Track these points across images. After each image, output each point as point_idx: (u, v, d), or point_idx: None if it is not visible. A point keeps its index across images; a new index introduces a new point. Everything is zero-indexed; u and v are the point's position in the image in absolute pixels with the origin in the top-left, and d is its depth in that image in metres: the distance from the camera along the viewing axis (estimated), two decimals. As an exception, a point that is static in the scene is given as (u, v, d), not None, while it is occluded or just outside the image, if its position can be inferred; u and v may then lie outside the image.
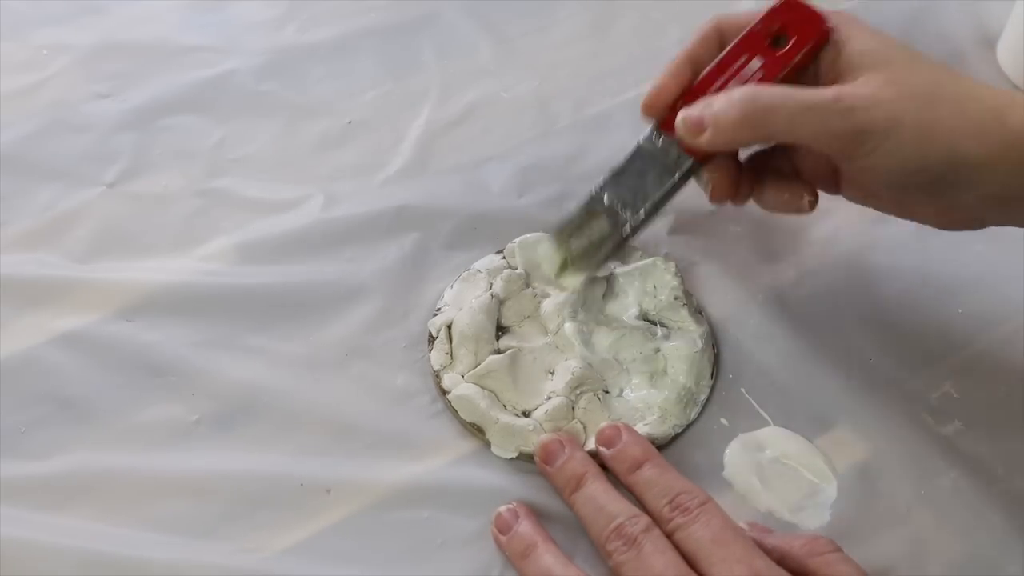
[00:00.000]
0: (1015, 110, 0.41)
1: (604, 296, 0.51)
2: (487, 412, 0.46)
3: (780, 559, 0.40)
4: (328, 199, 0.57)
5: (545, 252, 0.51)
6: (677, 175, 0.47)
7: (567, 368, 0.47)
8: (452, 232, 0.55)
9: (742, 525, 0.42)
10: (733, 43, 0.46)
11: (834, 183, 0.47)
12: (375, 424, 0.47)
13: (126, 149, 0.60)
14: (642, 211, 0.47)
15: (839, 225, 0.55)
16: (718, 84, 0.46)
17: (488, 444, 0.46)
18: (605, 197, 0.48)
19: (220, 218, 0.56)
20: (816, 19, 0.45)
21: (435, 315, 0.51)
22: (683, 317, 0.50)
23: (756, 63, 0.45)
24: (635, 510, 0.41)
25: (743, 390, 0.49)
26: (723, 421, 0.48)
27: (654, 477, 0.43)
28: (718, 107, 0.43)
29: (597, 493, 0.43)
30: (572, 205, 0.49)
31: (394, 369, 0.49)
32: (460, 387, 0.47)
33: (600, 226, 0.48)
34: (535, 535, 0.42)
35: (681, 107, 0.45)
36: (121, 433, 0.47)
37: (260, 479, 0.45)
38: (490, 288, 0.51)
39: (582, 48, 0.67)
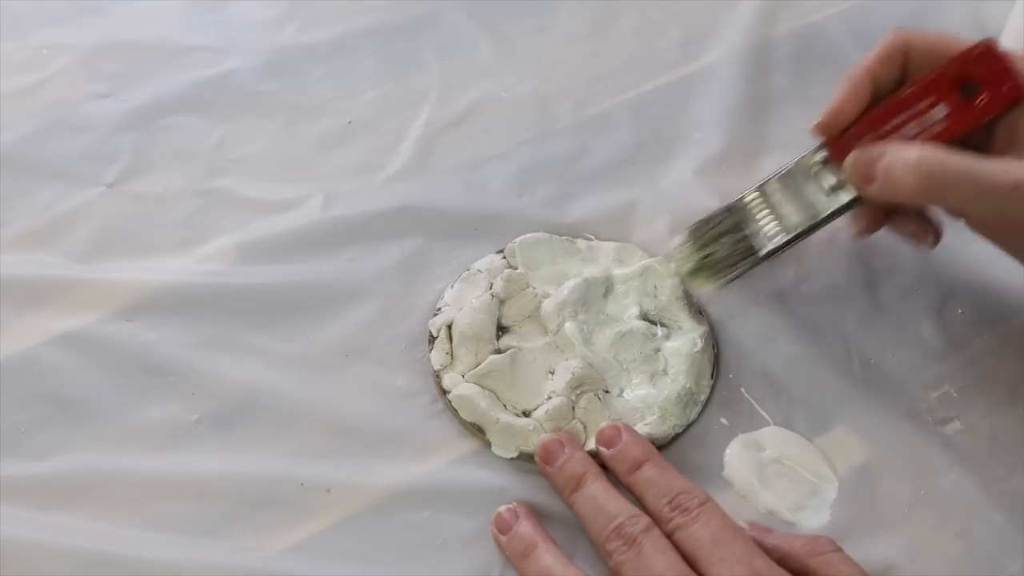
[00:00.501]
0: None
1: (604, 296, 0.51)
2: (487, 412, 0.46)
3: (780, 559, 0.40)
4: (328, 199, 0.57)
5: (681, 250, 0.50)
6: (832, 209, 0.45)
7: (567, 368, 0.47)
8: (452, 232, 0.55)
9: (742, 525, 0.42)
10: (920, 80, 0.44)
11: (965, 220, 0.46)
12: (375, 424, 0.47)
13: (126, 149, 0.60)
14: (787, 236, 0.46)
15: (839, 225, 0.55)
16: (897, 121, 0.44)
17: (488, 444, 0.46)
18: (755, 210, 0.46)
19: (220, 218, 0.56)
20: (1013, 77, 0.42)
21: (435, 315, 0.51)
22: (683, 317, 0.50)
23: (941, 111, 0.43)
24: (635, 510, 0.41)
25: (743, 390, 0.49)
26: (723, 421, 0.48)
27: (654, 477, 0.43)
28: (891, 163, 0.42)
29: (597, 493, 0.43)
30: (716, 206, 0.48)
31: (394, 369, 0.49)
32: (460, 387, 0.47)
33: (741, 239, 0.47)
34: (535, 535, 0.42)
35: (853, 133, 0.44)
36: (121, 433, 0.47)
37: (260, 479, 0.45)
38: (490, 288, 0.51)
39: (582, 48, 0.67)
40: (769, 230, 0.46)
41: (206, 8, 0.70)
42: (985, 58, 0.43)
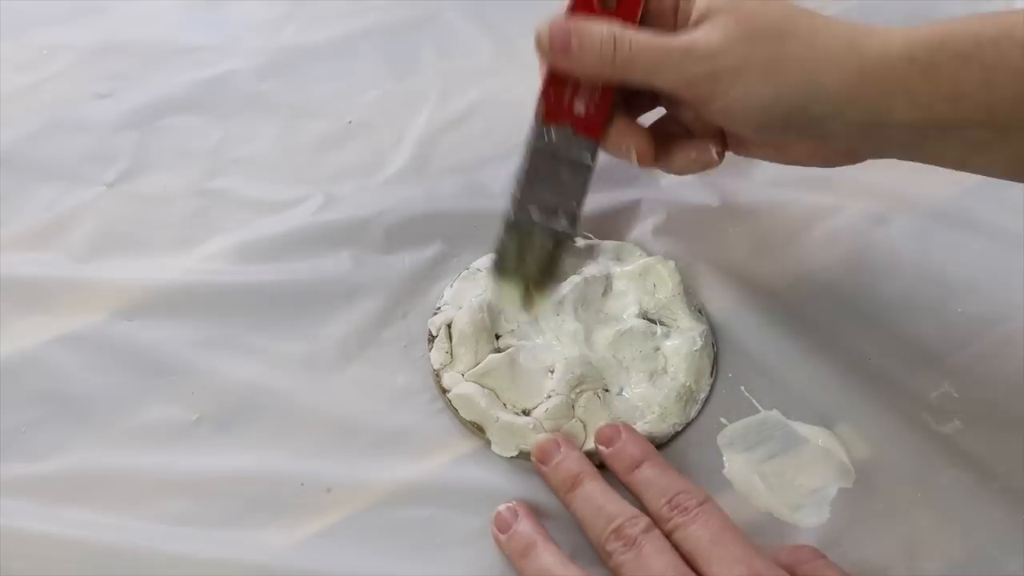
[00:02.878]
0: (870, 38, 0.42)
1: (604, 295, 0.51)
2: (487, 411, 0.46)
3: None
4: (328, 199, 0.57)
5: (499, 292, 0.48)
6: (589, 162, 0.46)
7: (567, 366, 0.47)
8: (452, 231, 0.55)
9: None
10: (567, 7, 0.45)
11: (723, 141, 0.47)
12: (375, 423, 0.47)
13: (126, 149, 0.60)
14: (575, 210, 0.46)
15: (839, 225, 0.55)
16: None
17: (488, 443, 0.46)
18: (531, 212, 0.46)
19: (220, 218, 0.56)
20: None
21: (435, 314, 0.51)
22: (683, 316, 0.50)
23: (611, 2, 0.44)
24: (634, 510, 0.41)
25: (743, 388, 0.49)
26: (723, 420, 0.48)
27: (653, 476, 0.43)
28: (584, 33, 0.43)
29: (595, 493, 0.42)
30: (498, 240, 0.47)
31: (394, 368, 0.49)
32: (460, 386, 0.47)
33: (541, 242, 0.46)
34: (535, 534, 0.42)
35: (554, 84, 0.45)
36: (121, 433, 0.47)
37: (260, 479, 0.45)
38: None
39: (582, 48, 0.67)
40: (557, 218, 0.46)
41: (206, 8, 0.70)
42: None
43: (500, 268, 0.47)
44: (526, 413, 0.47)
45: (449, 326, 0.49)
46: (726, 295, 0.52)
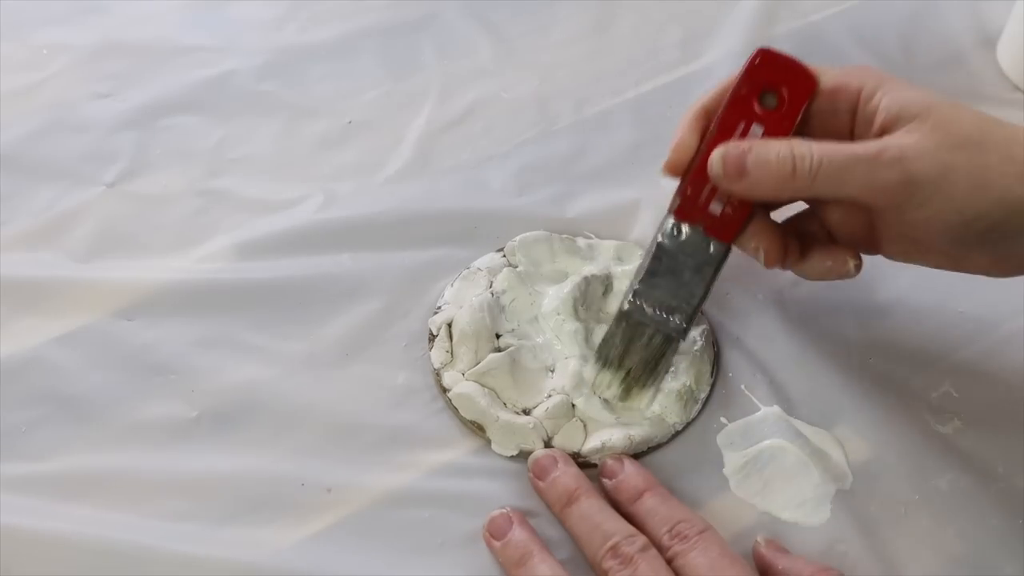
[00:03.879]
0: None
1: (604, 294, 0.51)
2: (487, 410, 0.46)
3: None
4: (328, 199, 0.57)
5: (598, 379, 0.46)
6: (715, 266, 0.44)
7: (567, 366, 0.47)
8: (452, 231, 0.55)
9: (758, 540, 0.43)
10: (721, 113, 0.43)
11: (871, 242, 0.45)
12: (376, 423, 0.47)
13: (126, 149, 0.60)
14: (690, 311, 0.44)
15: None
16: None
17: (488, 442, 0.46)
18: (644, 307, 0.44)
19: (220, 218, 0.56)
20: (800, 71, 0.43)
21: (435, 313, 0.51)
22: (683, 316, 0.50)
23: (758, 130, 0.43)
24: (631, 529, 0.41)
25: (743, 388, 0.49)
26: (723, 420, 0.48)
27: (655, 506, 0.42)
28: (762, 154, 0.41)
29: (592, 511, 0.42)
30: (608, 328, 0.46)
31: (395, 367, 0.49)
32: (460, 385, 0.47)
33: (650, 338, 0.45)
34: (531, 543, 0.42)
35: (691, 190, 0.43)
36: (121, 433, 0.47)
37: (260, 478, 0.45)
38: (490, 286, 0.51)
39: (582, 48, 0.67)
40: (669, 315, 0.44)
41: (206, 8, 0.70)
42: (766, 65, 0.43)
43: (603, 357, 0.46)
44: (526, 412, 0.47)
45: (450, 325, 0.50)
46: (726, 295, 0.52)
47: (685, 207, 0.44)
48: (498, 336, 0.49)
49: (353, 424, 0.47)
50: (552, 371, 0.48)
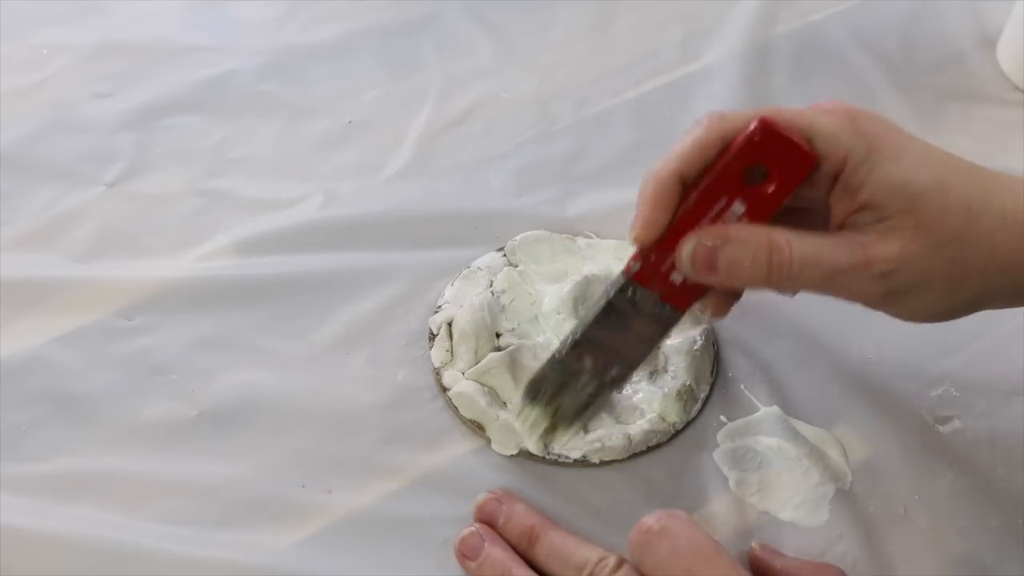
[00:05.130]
0: None
1: (604, 294, 0.51)
2: (487, 409, 0.46)
3: None
4: (328, 198, 0.57)
5: (523, 416, 0.45)
6: (664, 330, 0.42)
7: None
8: (452, 230, 0.55)
9: (753, 545, 0.42)
10: (706, 180, 0.39)
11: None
12: (376, 422, 0.47)
13: (126, 149, 0.60)
14: (629, 369, 0.43)
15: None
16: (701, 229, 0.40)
17: (488, 441, 0.46)
18: (584, 357, 0.42)
19: (220, 218, 0.56)
20: (798, 153, 0.38)
21: (436, 312, 0.51)
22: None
23: (739, 207, 0.39)
24: (600, 552, 0.40)
25: (743, 388, 0.49)
26: (723, 419, 0.48)
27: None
28: (733, 254, 0.38)
29: (557, 544, 0.41)
30: (546, 362, 0.43)
31: (395, 366, 0.49)
32: (460, 384, 0.47)
33: (583, 387, 0.43)
34: (507, 560, 0.41)
35: (659, 251, 0.40)
36: (121, 433, 0.47)
37: (260, 479, 0.45)
38: (490, 286, 0.51)
39: (582, 48, 0.67)
40: (609, 369, 0.42)
41: (206, 8, 0.70)
42: (763, 140, 0.38)
43: (532, 396, 0.44)
44: (526, 412, 0.47)
45: (450, 324, 0.50)
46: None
47: (645, 273, 0.40)
48: (498, 335, 0.49)
49: (353, 423, 0.47)
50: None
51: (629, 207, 0.56)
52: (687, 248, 0.39)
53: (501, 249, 0.53)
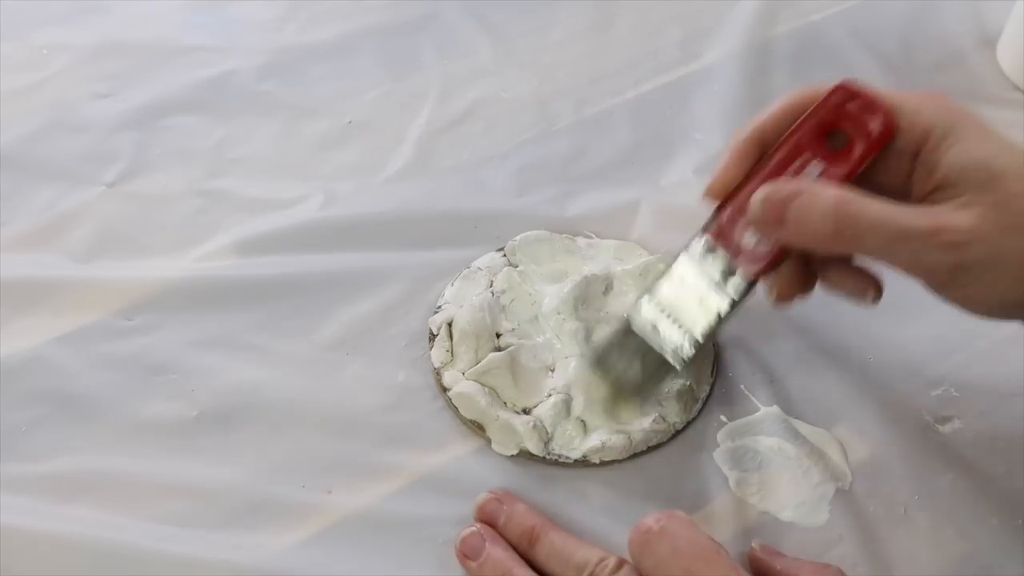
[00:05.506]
0: None
1: (605, 293, 0.51)
2: (487, 409, 0.46)
3: None
4: (328, 199, 0.57)
5: (590, 379, 0.46)
6: (735, 297, 0.42)
7: (567, 365, 0.48)
8: (452, 231, 0.55)
9: (753, 546, 0.42)
10: (785, 139, 0.40)
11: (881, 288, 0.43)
12: (376, 422, 0.47)
13: (126, 149, 0.60)
14: (695, 339, 0.42)
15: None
16: None
17: (489, 441, 0.46)
18: (648, 321, 0.43)
19: (220, 218, 0.56)
20: (878, 115, 0.39)
21: (436, 313, 0.51)
22: (683, 315, 0.50)
23: (815, 168, 0.40)
24: (600, 553, 0.40)
25: (743, 388, 0.49)
26: (723, 419, 0.48)
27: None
28: (806, 205, 0.38)
29: (558, 545, 0.41)
30: (609, 330, 0.45)
31: (395, 367, 0.49)
32: (460, 384, 0.47)
33: (649, 354, 0.43)
34: (508, 560, 0.41)
35: (732, 212, 0.41)
36: (121, 432, 0.47)
37: (261, 479, 0.45)
38: (491, 286, 0.51)
39: (582, 48, 0.67)
40: (675, 340, 0.43)
41: (206, 8, 0.70)
42: (844, 102, 0.40)
43: (600, 359, 0.45)
44: (526, 412, 0.47)
45: (450, 325, 0.50)
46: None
47: (720, 231, 0.41)
48: (498, 335, 0.49)
49: (353, 424, 0.47)
50: (552, 370, 0.48)
51: (629, 207, 0.56)
52: (759, 195, 0.39)
53: (501, 249, 0.53)
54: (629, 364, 0.44)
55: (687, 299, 0.42)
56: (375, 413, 0.47)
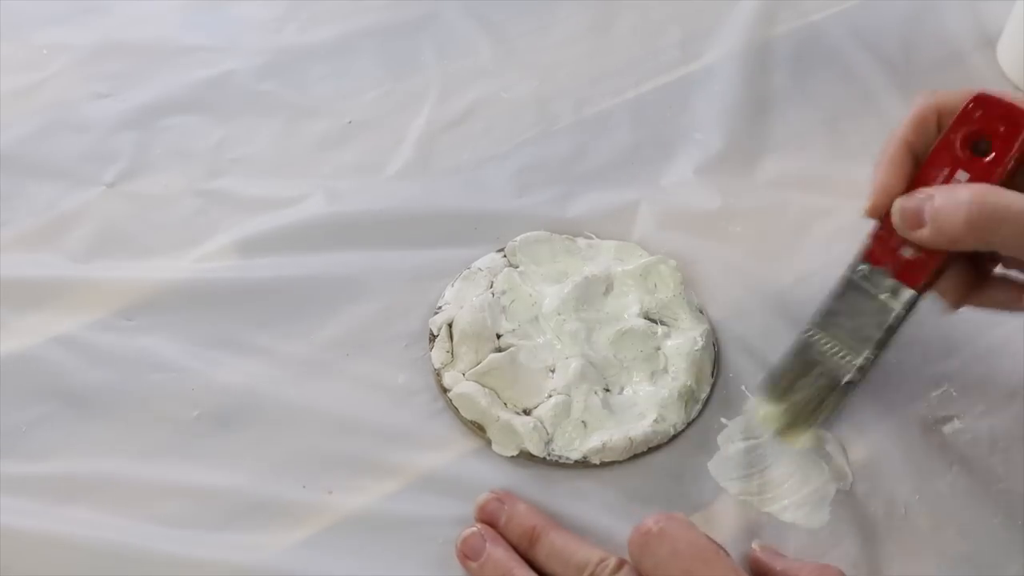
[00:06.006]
0: None
1: (605, 294, 0.51)
2: (488, 410, 0.46)
3: None
4: (328, 198, 0.57)
5: (762, 409, 0.46)
6: (896, 313, 0.42)
7: (567, 366, 0.48)
8: (452, 231, 0.55)
9: (753, 546, 0.42)
10: (932, 151, 0.42)
11: None
12: (376, 423, 0.47)
13: (126, 149, 0.60)
14: (864, 356, 0.43)
15: (840, 225, 0.55)
16: None
17: (489, 442, 0.46)
18: (820, 342, 0.44)
19: (220, 218, 0.56)
20: (1015, 116, 0.40)
21: (436, 313, 0.51)
22: (684, 316, 0.50)
23: (963, 176, 0.41)
24: (601, 553, 0.40)
25: (743, 388, 0.49)
26: (724, 420, 0.48)
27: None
28: (940, 203, 0.40)
29: (558, 545, 0.41)
30: (783, 356, 0.45)
31: (395, 368, 0.49)
32: (461, 385, 0.47)
33: (819, 375, 0.44)
34: (509, 560, 0.41)
35: (889, 228, 0.42)
36: (121, 432, 0.47)
37: (261, 479, 0.45)
38: (491, 286, 0.51)
39: (582, 48, 0.67)
40: (843, 357, 0.43)
41: (206, 8, 0.70)
42: (982, 110, 0.41)
43: (772, 385, 0.45)
44: (527, 412, 0.47)
45: (450, 325, 0.50)
46: (727, 295, 0.52)
47: (877, 250, 0.43)
48: (499, 336, 0.49)
49: (353, 424, 0.47)
50: (553, 371, 0.48)
51: (629, 207, 0.56)
52: (898, 202, 0.41)
53: (501, 250, 0.53)
54: (800, 388, 0.44)
55: (853, 319, 0.43)
56: (375, 413, 0.47)
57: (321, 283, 0.52)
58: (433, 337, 0.50)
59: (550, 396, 0.47)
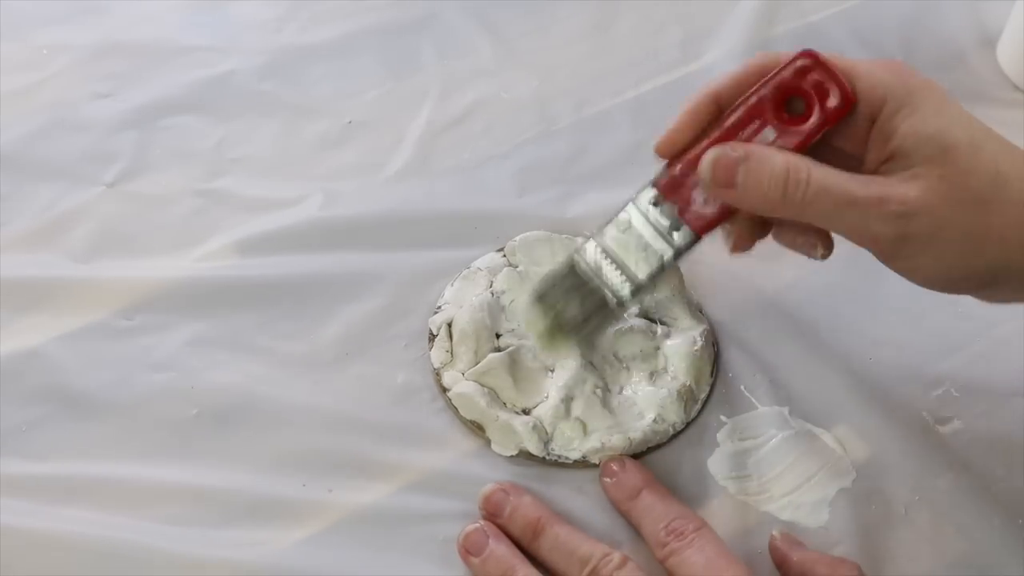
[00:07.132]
0: None
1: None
2: (487, 410, 0.46)
3: None
4: (328, 199, 0.57)
5: (529, 315, 0.45)
6: (674, 250, 0.42)
7: (567, 366, 0.47)
8: (452, 231, 0.55)
9: (773, 533, 0.42)
10: (743, 101, 0.40)
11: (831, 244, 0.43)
12: (376, 422, 0.47)
13: (126, 149, 0.60)
14: (637, 283, 0.42)
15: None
16: None
17: (488, 442, 0.46)
18: (594, 261, 0.43)
19: (220, 218, 0.56)
20: (840, 85, 0.39)
21: (435, 313, 0.51)
22: (683, 315, 0.50)
23: (769, 134, 0.40)
24: (604, 548, 0.41)
25: (743, 388, 0.49)
26: (723, 419, 0.48)
27: (652, 503, 0.42)
28: (755, 168, 0.38)
29: (561, 538, 0.42)
30: (554, 268, 0.44)
31: (394, 367, 0.49)
32: (460, 385, 0.47)
33: (590, 294, 0.43)
34: (511, 557, 0.41)
35: (683, 168, 0.41)
36: (121, 432, 0.47)
37: (261, 478, 0.45)
38: (490, 286, 0.51)
39: (582, 48, 0.67)
40: (615, 282, 0.42)
41: (206, 8, 0.70)
42: (806, 71, 0.39)
43: (540, 295, 0.44)
44: (526, 412, 0.47)
45: (450, 325, 0.50)
46: (727, 295, 0.52)
47: (670, 185, 0.41)
48: (498, 336, 0.49)
49: (353, 423, 0.47)
50: (552, 371, 0.48)
51: (629, 207, 0.56)
52: (709, 156, 0.39)
53: (501, 249, 0.53)
54: (570, 303, 0.44)
55: (632, 246, 0.42)
56: (375, 413, 0.47)
57: (321, 283, 0.52)
58: (432, 337, 0.50)
59: (549, 396, 0.47)
